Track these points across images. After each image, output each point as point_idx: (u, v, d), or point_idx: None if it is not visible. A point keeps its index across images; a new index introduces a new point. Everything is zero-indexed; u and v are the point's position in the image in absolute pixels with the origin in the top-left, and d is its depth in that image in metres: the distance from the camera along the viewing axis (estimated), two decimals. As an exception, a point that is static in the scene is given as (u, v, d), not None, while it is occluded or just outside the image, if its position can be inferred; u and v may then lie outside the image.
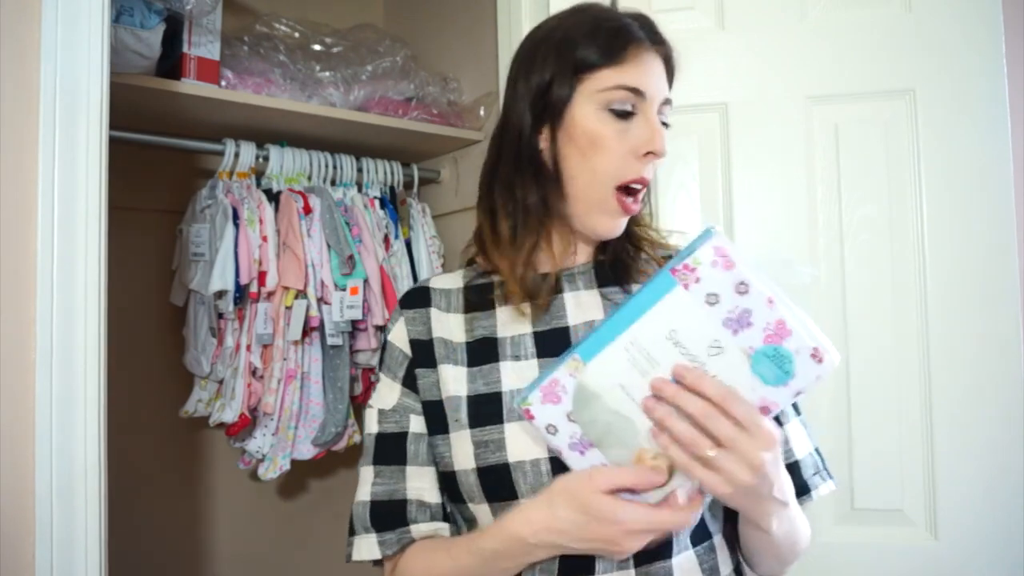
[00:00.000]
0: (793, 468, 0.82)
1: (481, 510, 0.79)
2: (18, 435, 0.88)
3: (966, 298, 1.18)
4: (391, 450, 0.83)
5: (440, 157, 1.92)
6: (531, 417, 0.70)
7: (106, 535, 0.93)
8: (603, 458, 0.68)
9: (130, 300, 1.61)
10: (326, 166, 1.71)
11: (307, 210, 1.61)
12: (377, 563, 0.83)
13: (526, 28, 1.48)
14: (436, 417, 0.82)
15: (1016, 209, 1.18)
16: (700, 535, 0.80)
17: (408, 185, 1.87)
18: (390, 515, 0.81)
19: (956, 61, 1.20)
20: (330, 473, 1.99)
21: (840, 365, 1.21)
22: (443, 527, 0.82)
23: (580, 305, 0.84)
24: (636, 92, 0.79)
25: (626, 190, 0.81)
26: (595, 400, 0.67)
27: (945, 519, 1.17)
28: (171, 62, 1.40)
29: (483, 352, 0.83)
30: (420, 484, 0.82)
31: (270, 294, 1.55)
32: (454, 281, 0.89)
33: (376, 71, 1.71)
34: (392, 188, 1.83)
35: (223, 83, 1.47)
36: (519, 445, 0.77)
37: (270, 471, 1.58)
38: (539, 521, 0.69)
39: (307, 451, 1.61)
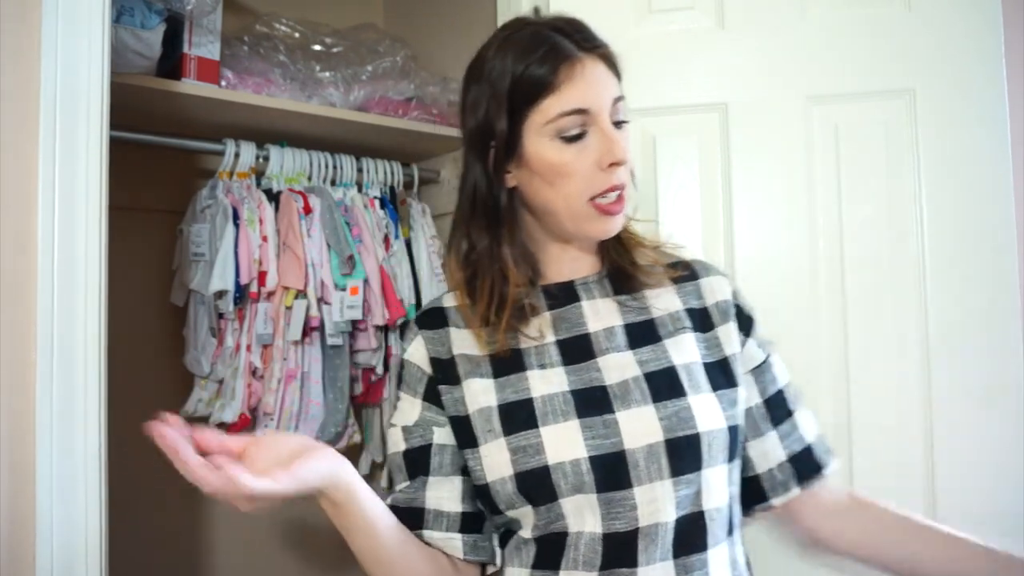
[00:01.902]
0: (807, 451, 0.90)
1: (525, 513, 0.81)
2: (18, 435, 0.89)
3: (966, 298, 1.18)
4: (417, 463, 0.85)
5: (440, 157, 1.92)
6: None
7: (106, 535, 0.93)
8: None
9: (130, 300, 1.61)
10: (326, 166, 1.70)
11: (307, 210, 1.61)
12: None
13: (526, 28, 1.49)
14: (464, 432, 0.84)
15: (1016, 209, 1.18)
16: (728, 528, 0.83)
17: (408, 185, 1.87)
18: (406, 520, 0.83)
19: (956, 61, 1.20)
20: (330, 473, 1.99)
21: (840, 365, 1.22)
22: (455, 540, 0.84)
23: (597, 312, 0.87)
24: (581, 112, 0.80)
25: (600, 197, 0.82)
26: None
27: (945, 519, 1.16)
28: (171, 62, 1.40)
29: (508, 363, 0.84)
30: (440, 494, 0.84)
31: (270, 294, 1.55)
32: (465, 299, 0.90)
33: (376, 71, 1.71)
34: (392, 188, 1.83)
35: (223, 83, 1.47)
36: (557, 447, 0.78)
37: (270, 471, 1.58)
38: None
39: (307, 451, 1.61)
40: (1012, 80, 1.19)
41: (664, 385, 0.81)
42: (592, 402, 0.81)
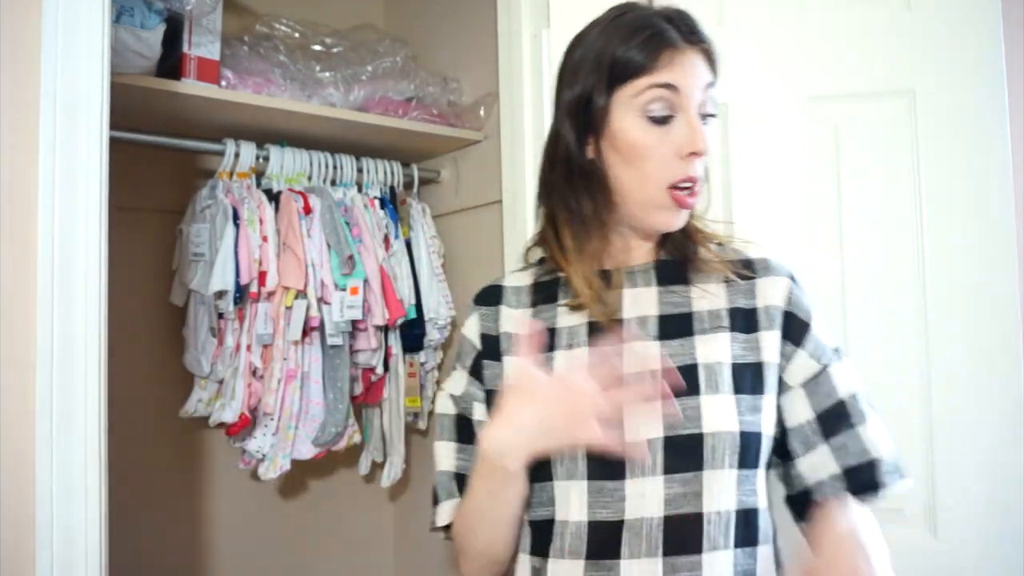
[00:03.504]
0: (867, 467, 0.83)
1: (527, 489, 0.84)
2: (18, 435, 0.89)
3: (966, 298, 1.18)
4: (467, 431, 0.91)
5: (440, 157, 1.92)
6: None
7: (106, 535, 0.93)
8: None
9: (130, 300, 1.61)
10: (326, 166, 1.71)
11: (307, 210, 1.61)
12: (445, 528, 0.91)
13: (526, 28, 1.49)
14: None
15: (1016, 209, 1.18)
16: (742, 538, 0.80)
17: (408, 185, 1.87)
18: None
19: (956, 61, 1.20)
20: (330, 473, 1.99)
21: (840, 365, 1.22)
22: None
23: (637, 301, 0.87)
24: (669, 87, 0.81)
25: (677, 187, 0.83)
26: None
27: (945, 519, 1.17)
28: (171, 62, 1.40)
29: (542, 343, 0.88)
30: None
31: (270, 294, 1.55)
32: (524, 279, 0.95)
33: (376, 71, 1.71)
34: (392, 188, 1.83)
35: (223, 83, 1.47)
36: None
37: (270, 471, 1.58)
38: (492, 425, 0.80)
39: (307, 451, 1.61)
40: (1012, 80, 1.19)
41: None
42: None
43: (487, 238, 1.74)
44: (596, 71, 0.83)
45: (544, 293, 0.91)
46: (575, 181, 0.87)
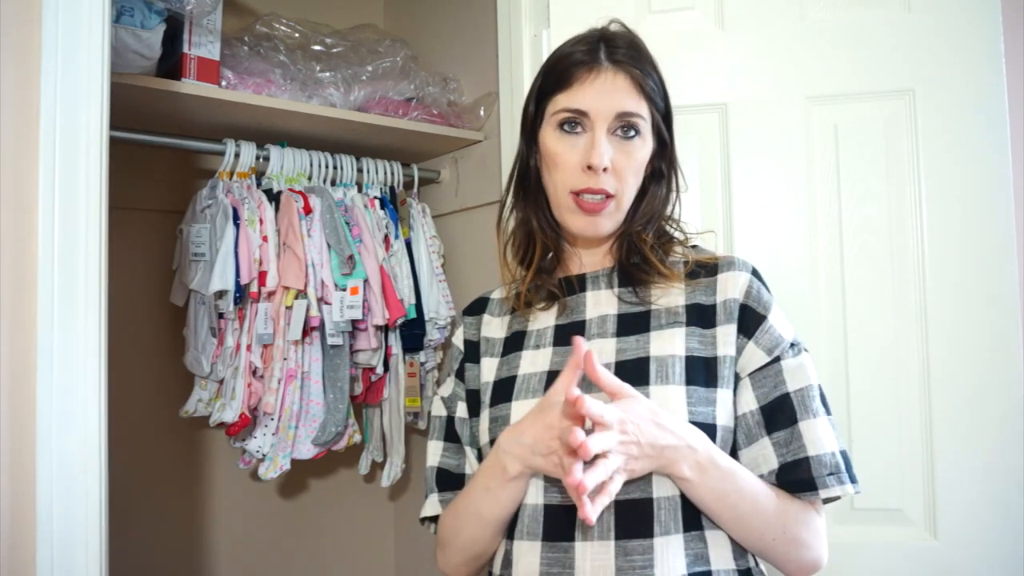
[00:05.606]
0: (802, 463, 0.83)
1: (522, 495, 0.88)
2: (19, 435, 0.89)
3: (966, 298, 1.18)
4: (452, 431, 0.99)
5: (440, 157, 1.92)
6: None
7: (106, 535, 0.93)
8: None
9: (130, 300, 1.61)
10: (326, 166, 1.71)
11: (307, 210, 1.61)
12: (431, 520, 0.97)
13: (526, 28, 1.49)
14: (475, 402, 0.97)
15: (1016, 208, 1.18)
16: (689, 522, 0.82)
17: (408, 185, 1.87)
18: (451, 482, 0.96)
19: (956, 61, 1.20)
20: (330, 473, 1.99)
21: (840, 365, 1.22)
22: None
23: (598, 303, 0.94)
24: (578, 112, 0.89)
25: (580, 194, 0.89)
26: None
27: (945, 519, 1.17)
28: (171, 62, 1.41)
29: (513, 343, 0.96)
30: (473, 461, 0.97)
31: (270, 294, 1.55)
32: (509, 291, 1.02)
33: (376, 71, 1.71)
34: (392, 188, 1.83)
35: (223, 83, 1.47)
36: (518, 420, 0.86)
37: (270, 471, 1.58)
38: (511, 428, 0.84)
39: (307, 451, 1.61)
40: (1012, 80, 1.19)
41: (631, 374, 0.84)
42: None
43: (487, 238, 1.74)
44: (535, 93, 0.95)
45: (520, 300, 0.98)
46: (529, 193, 0.97)
